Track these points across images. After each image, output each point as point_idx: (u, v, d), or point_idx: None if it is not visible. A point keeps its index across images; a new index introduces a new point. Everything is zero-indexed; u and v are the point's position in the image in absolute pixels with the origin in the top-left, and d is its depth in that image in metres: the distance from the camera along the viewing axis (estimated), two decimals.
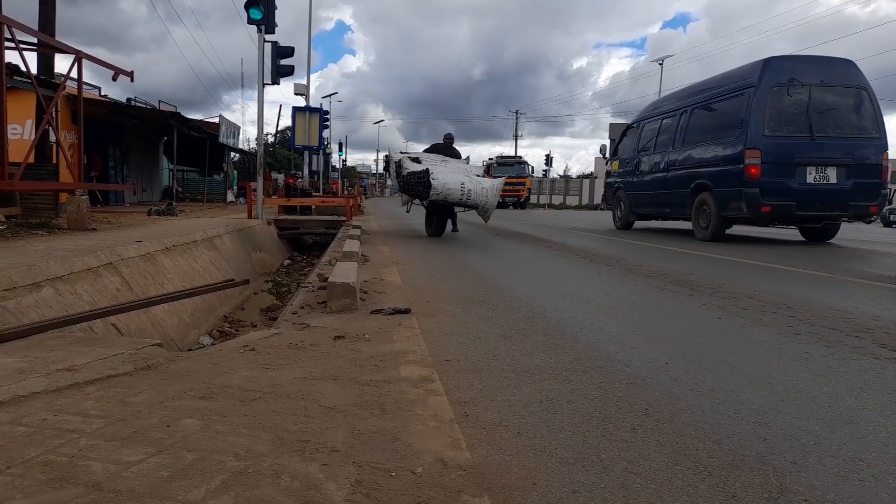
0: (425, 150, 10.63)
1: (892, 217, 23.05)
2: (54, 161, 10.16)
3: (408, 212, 11.58)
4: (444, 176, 8.86)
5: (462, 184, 8.86)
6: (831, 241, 9.74)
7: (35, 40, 9.23)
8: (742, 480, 1.52)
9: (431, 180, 8.63)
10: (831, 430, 1.87)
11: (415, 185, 8.87)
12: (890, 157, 8.98)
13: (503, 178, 10.57)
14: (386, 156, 10.59)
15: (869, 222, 9.79)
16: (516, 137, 60.51)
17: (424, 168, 8.96)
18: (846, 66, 8.98)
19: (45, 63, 11.65)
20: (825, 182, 8.64)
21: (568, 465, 1.60)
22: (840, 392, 2.24)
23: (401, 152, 10.44)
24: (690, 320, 3.52)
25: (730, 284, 4.83)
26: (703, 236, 9.62)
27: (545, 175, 52.41)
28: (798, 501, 1.42)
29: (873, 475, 1.56)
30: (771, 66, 8.82)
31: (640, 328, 3.32)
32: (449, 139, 10.96)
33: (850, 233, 12.22)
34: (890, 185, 11.25)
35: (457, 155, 10.62)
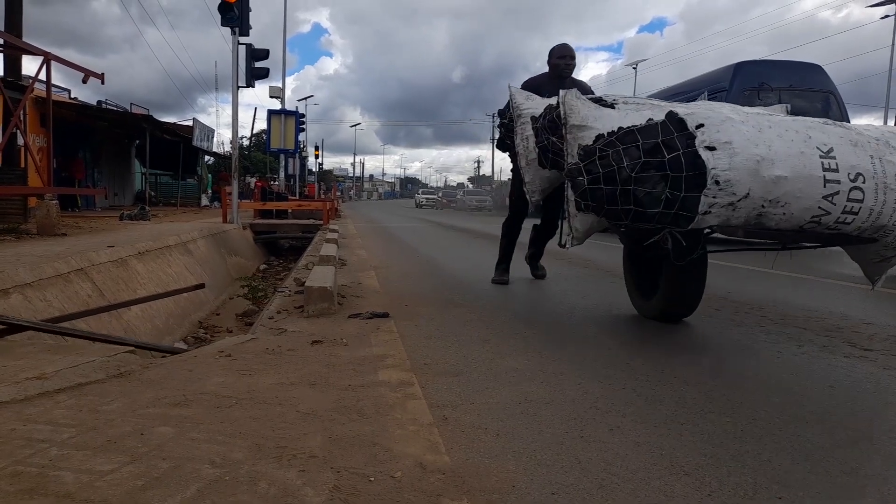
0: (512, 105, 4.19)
1: None
2: (23, 165, 9.94)
3: (569, 245, 3.11)
4: (754, 140, 2.51)
5: (826, 158, 2.50)
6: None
7: (1, 41, 9.03)
8: (718, 479, 1.54)
9: (711, 160, 2.43)
10: (803, 427, 1.90)
11: (646, 182, 2.51)
12: None
13: None
14: (503, 111, 4.41)
15: None
16: (493, 141, 60.80)
17: (678, 116, 2.58)
18: (814, 71, 9.21)
19: (12, 65, 11.41)
20: None
21: (546, 466, 1.60)
22: (811, 390, 2.29)
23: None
24: (666, 324, 3.55)
25: None
26: None
27: None
28: (772, 499, 1.45)
29: (843, 472, 1.60)
30: (742, 70, 9.01)
31: (615, 330, 3.35)
32: (567, 62, 4.83)
33: None
34: None
35: (588, 91, 4.49)
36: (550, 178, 3.83)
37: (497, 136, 4.47)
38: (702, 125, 2.54)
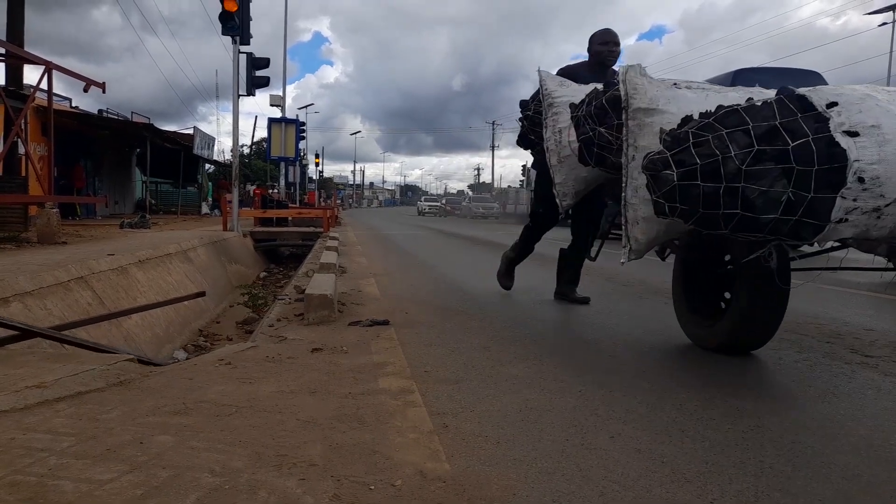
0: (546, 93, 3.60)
1: None
2: (23, 173, 9.96)
3: (625, 259, 2.56)
4: None
5: None
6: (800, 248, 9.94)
7: (2, 51, 9.08)
8: (720, 486, 1.54)
9: (853, 149, 1.88)
10: (805, 434, 1.90)
11: (761, 178, 1.92)
12: None
13: None
14: (525, 102, 4.01)
15: None
16: (493, 148, 60.95)
17: (797, 93, 2.08)
18: (813, 77, 9.23)
19: (14, 74, 11.46)
20: None
21: (547, 474, 1.60)
22: (812, 397, 2.28)
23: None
24: (667, 328, 3.55)
25: None
26: None
27: (522, 185, 52.92)
28: None
29: (845, 478, 1.59)
30: (741, 77, 9.03)
31: (617, 336, 3.35)
32: (610, 48, 4.21)
33: None
34: None
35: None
36: (588, 178, 3.28)
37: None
38: (834, 103, 1.96)
